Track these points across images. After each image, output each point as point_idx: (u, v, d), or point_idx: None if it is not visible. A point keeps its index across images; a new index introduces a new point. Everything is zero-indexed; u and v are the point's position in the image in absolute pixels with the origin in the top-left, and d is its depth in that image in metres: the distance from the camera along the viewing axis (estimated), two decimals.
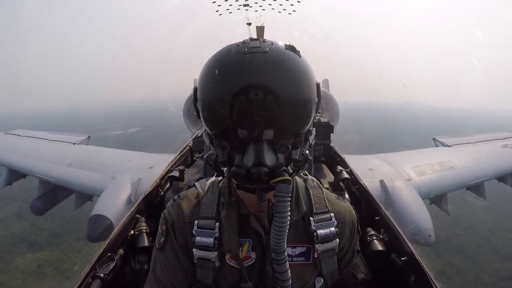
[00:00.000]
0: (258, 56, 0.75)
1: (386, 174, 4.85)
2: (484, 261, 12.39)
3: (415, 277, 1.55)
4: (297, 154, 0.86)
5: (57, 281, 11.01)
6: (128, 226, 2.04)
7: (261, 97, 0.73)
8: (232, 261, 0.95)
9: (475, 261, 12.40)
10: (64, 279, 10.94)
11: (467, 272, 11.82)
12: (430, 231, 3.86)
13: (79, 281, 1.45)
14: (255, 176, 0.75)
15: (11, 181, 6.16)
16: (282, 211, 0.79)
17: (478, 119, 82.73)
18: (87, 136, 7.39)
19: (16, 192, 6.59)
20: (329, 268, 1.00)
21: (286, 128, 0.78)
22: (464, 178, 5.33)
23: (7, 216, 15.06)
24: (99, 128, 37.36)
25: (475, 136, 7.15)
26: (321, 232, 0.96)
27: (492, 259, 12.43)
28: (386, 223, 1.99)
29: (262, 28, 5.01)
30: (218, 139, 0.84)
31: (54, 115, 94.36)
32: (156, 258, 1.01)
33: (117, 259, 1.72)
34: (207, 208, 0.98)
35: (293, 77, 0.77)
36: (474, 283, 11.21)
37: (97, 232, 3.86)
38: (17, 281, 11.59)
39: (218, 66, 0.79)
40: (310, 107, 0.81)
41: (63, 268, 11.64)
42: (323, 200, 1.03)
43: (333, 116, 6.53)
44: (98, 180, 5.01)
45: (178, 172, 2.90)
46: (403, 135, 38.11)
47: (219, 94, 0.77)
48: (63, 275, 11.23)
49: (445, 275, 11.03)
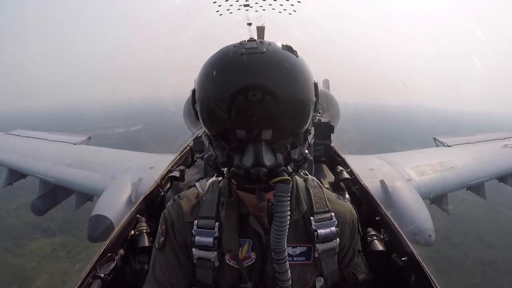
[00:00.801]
0: (255, 56, 0.75)
1: (386, 174, 4.84)
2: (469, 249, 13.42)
3: (415, 277, 1.54)
4: (296, 153, 0.86)
5: (70, 262, 11.57)
6: (128, 226, 2.04)
7: (259, 97, 0.73)
8: (232, 261, 0.95)
9: (460, 248, 13.49)
10: (78, 261, 11.48)
11: (452, 257, 12.82)
12: (430, 231, 3.85)
13: (80, 281, 1.45)
14: (255, 176, 0.75)
15: (12, 182, 6.16)
16: (282, 210, 0.79)
17: (478, 121, 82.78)
18: (88, 137, 7.40)
19: (26, 184, 6.80)
20: (329, 268, 1.00)
21: (285, 128, 0.79)
22: (465, 178, 5.32)
23: (18, 206, 15.74)
24: (101, 127, 37.50)
25: (475, 136, 7.14)
26: (321, 232, 0.96)
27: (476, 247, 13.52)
28: (387, 223, 1.99)
29: (262, 28, 5.02)
30: (217, 140, 0.84)
31: (54, 115, 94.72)
32: (155, 258, 1.01)
33: (117, 259, 1.72)
34: (207, 208, 0.99)
35: (290, 77, 0.77)
36: (458, 267, 12.12)
37: (97, 232, 3.86)
38: (32, 263, 12.59)
39: (216, 67, 0.79)
40: (308, 106, 0.81)
41: (76, 251, 12.21)
42: (323, 200, 1.03)
43: (333, 116, 6.53)
44: (99, 180, 5.01)
45: (178, 172, 2.90)
46: (403, 136, 38.14)
47: (217, 95, 0.77)
48: (76, 258, 11.79)
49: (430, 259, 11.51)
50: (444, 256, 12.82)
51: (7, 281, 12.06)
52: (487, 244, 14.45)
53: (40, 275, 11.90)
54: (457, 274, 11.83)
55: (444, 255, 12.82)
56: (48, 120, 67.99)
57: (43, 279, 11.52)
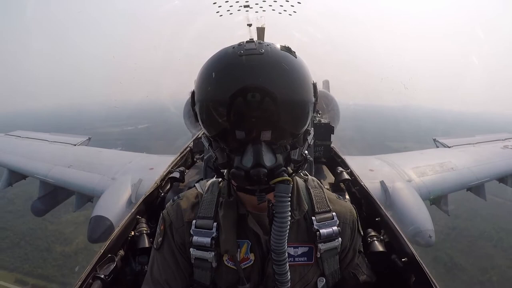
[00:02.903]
0: (254, 57, 0.76)
1: (386, 175, 4.85)
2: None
3: (415, 278, 1.54)
4: (296, 154, 0.86)
5: None
6: (128, 227, 2.04)
7: (258, 98, 0.73)
8: (230, 262, 0.95)
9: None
10: None
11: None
12: (430, 232, 3.85)
13: (80, 282, 1.44)
14: (255, 177, 0.75)
15: (12, 182, 6.17)
16: (282, 211, 0.79)
17: (478, 122, 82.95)
18: (88, 138, 7.40)
19: None
20: (331, 268, 1.00)
21: (284, 128, 0.79)
22: (465, 179, 5.32)
23: None
24: (102, 125, 37.55)
25: (475, 137, 7.14)
26: (323, 232, 0.96)
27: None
28: (387, 224, 1.98)
29: (262, 29, 5.02)
30: (217, 141, 0.84)
31: (54, 116, 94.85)
32: (154, 258, 1.01)
33: (117, 260, 1.72)
34: (205, 208, 0.98)
35: (289, 77, 0.77)
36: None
37: (97, 233, 3.86)
38: (70, 229, 16.63)
39: (215, 69, 0.79)
40: (307, 107, 0.81)
41: None
42: (324, 200, 1.03)
43: (333, 117, 6.52)
44: (99, 181, 5.02)
45: (178, 173, 2.90)
46: (403, 136, 38.17)
47: (216, 96, 0.77)
48: None
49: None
50: (444, 256, 12.95)
51: (51, 240, 17.30)
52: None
53: (78, 236, 15.74)
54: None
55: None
56: (48, 121, 68.13)
57: (81, 239, 15.29)
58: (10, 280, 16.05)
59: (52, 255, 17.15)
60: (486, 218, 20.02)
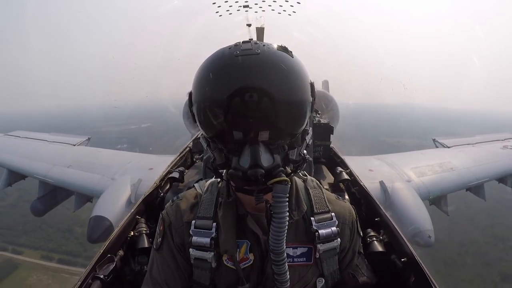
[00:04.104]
0: (250, 58, 0.76)
1: (386, 175, 4.85)
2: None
3: (415, 278, 1.54)
4: (294, 154, 0.86)
5: None
6: (128, 227, 2.04)
7: (255, 98, 0.73)
8: (230, 262, 0.95)
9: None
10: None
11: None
12: (430, 232, 3.86)
13: (79, 282, 1.44)
14: (252, 177, 0.75)
15: (11, 182, 6.16)
16: (281, 211, 0.79)
17: (478, 120, 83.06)
18: (87, 138, 7.40)
19: None
20: (330, 268, 1.00)
21: (282, 128, 0.79)
22: (464, 179, 5.33)
23: None
24: (102, 125, 37.62)
25: (475, 137, 7.15)
26: (322, 232, 0.96)
27: None
28: (386, 224, 1.98)
29: (262, 29, 5.02)
30: (215, 142, 0.84)
31: (53, 116, 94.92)
32: (153, 258, 1.01)
33: (117, 260, 1.71)
34: (205, 208, 0.98)
35: (286, 77, 0.77)
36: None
37: (97, 233, 3.86)
38: (86, 214, 14.99)
39: (211, 69, 0.79)
40: (305, 107, 0.81)
41: None
42: (323, 200, 1.03)
43: (333, 117, 6.52)
44: (98, 181, 5.02)
45: (178, 173, 2.89)
46: (403, 136, 38.23)
47: (213, 97, 0.77)
48: None
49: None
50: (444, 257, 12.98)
51: (71, 223, 17.87)
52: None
53: None
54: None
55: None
56: (47, 121, 68.20)
57: None
58: (36, 257, 18.35)
59: (74, 235, 19.14)
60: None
